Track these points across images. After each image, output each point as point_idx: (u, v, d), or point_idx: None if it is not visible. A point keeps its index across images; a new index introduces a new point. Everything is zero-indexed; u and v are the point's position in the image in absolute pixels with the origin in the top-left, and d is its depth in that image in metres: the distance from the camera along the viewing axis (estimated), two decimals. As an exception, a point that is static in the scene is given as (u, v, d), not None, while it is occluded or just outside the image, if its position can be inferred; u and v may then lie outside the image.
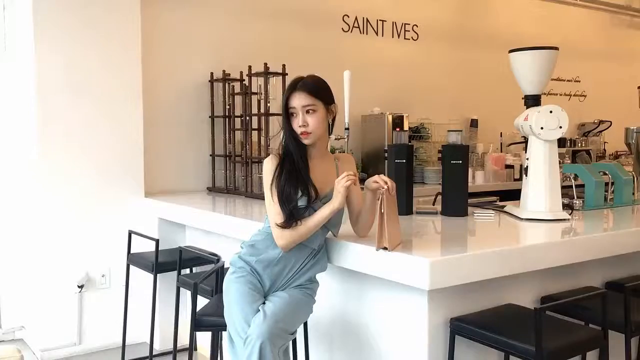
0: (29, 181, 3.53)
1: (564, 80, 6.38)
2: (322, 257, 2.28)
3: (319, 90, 2.19)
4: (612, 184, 3.35)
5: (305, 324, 2.46)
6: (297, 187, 2.15)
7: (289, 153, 2.21)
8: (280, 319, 2.00)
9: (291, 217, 2.14)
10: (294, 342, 2.29)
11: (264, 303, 2.12)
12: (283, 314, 2.03)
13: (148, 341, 3.49)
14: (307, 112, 2.15)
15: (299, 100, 2.15)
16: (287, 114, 2.18)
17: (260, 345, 1.92)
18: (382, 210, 2.12)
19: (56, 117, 3.45)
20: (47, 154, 3.44)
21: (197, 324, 2.29)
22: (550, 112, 2.73)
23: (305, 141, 2.19)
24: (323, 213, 2.14)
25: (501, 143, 5.53)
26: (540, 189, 2.77)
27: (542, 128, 2.73)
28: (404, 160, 2.93)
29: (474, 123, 5.48)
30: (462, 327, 2.18)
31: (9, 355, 1.77)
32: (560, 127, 2.73)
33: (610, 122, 6.25)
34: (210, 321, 2.28)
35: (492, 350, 2.37)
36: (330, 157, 2.35)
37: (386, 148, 4.34)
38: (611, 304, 2.17)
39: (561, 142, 5.16)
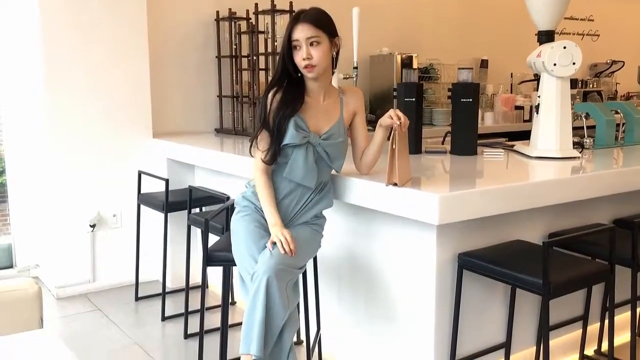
0: (39, 125, 3.53)
1: (577, 19, 6.23)
2: (327, 193, 2.29)
3: (323, 21, 2.15)
4: (624, 124, 3.33)
5: (315, 260, 2.50)
6: (288, 122, 2.14)
7: (285, 87, 2.19)
8: (286, 255, 2.02)
9: (276, 157, 2.16)
10: (304, 277, 2.33)
11: None
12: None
13: (160, 279, 3.57)
14: (311, 44, 2.12)
15: (302, 32, 2.11)
16: (290, 47, 2.15)
17: (267, 280, 1.94)
18: (394, 146, 2.12)
19: (62, 61, 3.41)
20: (54, 98, 3.42)
21: (209, 259, 2.33)
22: (564, 47, 2.68)
23: (309, 75, 2.16)
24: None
25: (511, 84, 5.45)
26: (551, 127, 2.75)
27: (555, 64, 2.69)
28: (413, 99, 2.90)
29: (484, 64, 5.38)
30: (469, 262, 2.21)
31: (27, 287, 1.81)
32: (574, 64, 2.69)
33: (623, 62, 6.13)
34: (221, 256, 2.31)
35: (499, 284, 2.42)
36: (335, 91, 2.32)
37: (395, 87, 4.30)
38: (619, 240, 2.19)
39: (572, 83, 5.08)
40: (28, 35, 3.55)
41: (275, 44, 3.62)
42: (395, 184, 2.12)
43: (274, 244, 2.02)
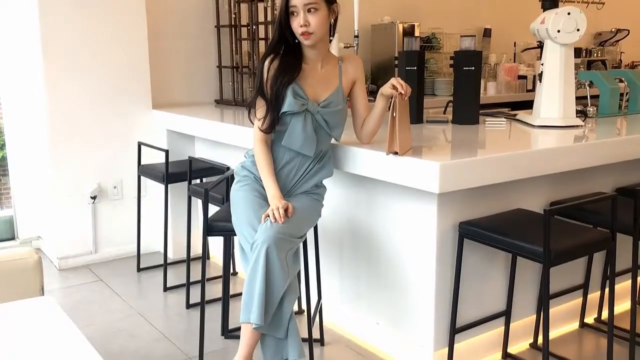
0: (38, 98, 3.50)
1: (582, -13, 6.12)
2: (327, 162, 2.28)
3: None
4: (627, 93, 3.29)
5: (316, 229, 2.49)
6: (286, 90, 2.12)
7: (282, 55, 2.16)
8: (286, 224, 2.01)
9: (274, 125, 2.14)
10: (305, 246, 2.33)
11: None
12: (289, 219, 2.04)
13: (162, 250, 3.58)
14: (309, 10, 2.08)
15: None
16: (287, 13, 2.11)
17: (266, 249, 1.93)
18: (394, 114, 2.09)
19: (60, 32, 3.37)
20: (53, 70, 3.38)
21: (209, 229, 2.33)
22: (568, 14, 2.64)
23: (306, 42, 2.13)
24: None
25: (515, 53, 5.38)
26: (554, 95, 2.72)
27: (558, 31, 2.65)
28: (415, 68, 2.87)
29: (487, 33, 5.31)
30: (470, 230, 2.20)
31: (27, 256, 1.81)
32: (578, 30, 2.64)
33: (628, 30, 6.04)
34: (221, 226, 2.31)
35: (499, 253, 2.42)
36: (334, 59, 2.29)
37: (397, 56, 4.25)
38: (620, 209, 2.18)
39: (576, 52, 5.00)
40: (25, 7, 3.50)
41: (275, 12, 3.55)
42: (396, 153, 2.10)
43: (268, 217, 2.01)
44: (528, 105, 3.15)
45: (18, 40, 3.69)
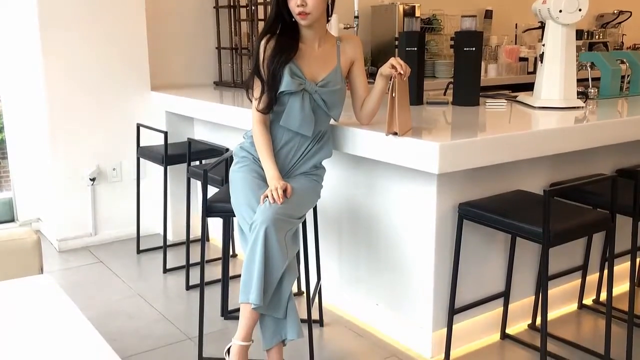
0: (37, 80, 3.48)
1: (585, -32, 6.05)
2: (326, 143, 2.27)
3: None
4: (629, 75, 3.27)
5: (315, 211, 2.49)
6: (282, 69, 2.11)
7: (278, 34, 2.15)
8: (284, 205, 2.00)
9: (272, 105, 2.13)
10: (304, 228, 2.33)
11: None
12: (288, 199, 2.03)
13: (161, 232, 3.58)
14: None
15: None
16: None
17: (265, 230, 1.93)
18: (394, 95, 2.08)
19: (58, 14, 3.33)
20: (52, 52, 3.36)
21: (209, 210, 2.32)
22: (570, -7, 2.61)
23: (303, 22, 2.12)
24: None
25: (516, 35, 5.34)
26: (556, 76, 2.70)
27: (560, 11, 2.62)
28: (415, 48, 2.84)
29: (488, 14, 5.26)
30: (470, 212, 2.20)
31: (26, 236, 1.81)
32: (580, 10, 2.62)
33: (630, 12, 5.99)
34: (220, 207, 2.30)
35: (499, 234, 2.42)
36: (332, 38, 2.28)
37: (397, 36, 4.22)
38: (620, 190, 2.17)
39: (578, 34, 4.97)
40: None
41: (274, -7, 3.52)
42: (396, 134, 2.09)
43: (266, 197, 2.01)
44: (529, 87, 3.13)
45: (16, 21, 3.66)
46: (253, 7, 3.68)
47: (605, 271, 2.43)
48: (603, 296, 2.77)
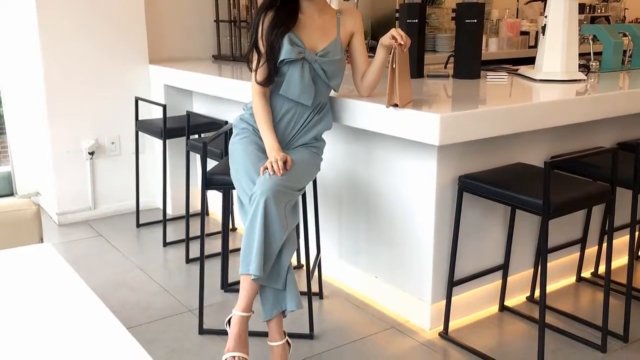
0: (34, 55, 3.44)
1: (588, -59, 5.97)
2: (326, 114, 2.26)
3: None
4: (631, 49, 3.24)
5: (315, 184, 2.49)
6: (281, 40, 2.10)
7: (277, 6, 2.14)
8: (284, 176, 2.00)
9: (272, 77, 2.13)
10: (304, 199, 2.33)
11: None
12: (288, 171, 2.03)
13: (161, 206, 3.58)
14: None
15: None
16: None
17: (264, 201, 1.92)
18: (394, 66, 2.06)
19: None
20: (49, 26, 3.32)
21: (208, 183, 2.32)
22: (574, -36, 2.57)
23: None
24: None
25: (517, 9, 5.29)
26: (557, 48, 2.68)
27: (563, -18, 2.59)
28: (416, 20, 2.81)
29: (490, -13, 5.20)
30: (470, 184, 2.19)
31: (25, 207, 1.80)
32: (583, -19, 2.58)
33: (634, -14, 5.92)
34: (220, 179, 2.30)
35: (498, 207, 2.42)
36: (332, 11, 2.26)
37: (397, 8, 4.17)
38: (621, 163, 2.17)
39: (580, 7, 4.91)
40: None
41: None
42: (396, 105, 2.08)
43: (266, 169, 2.00)
44: (530, 61, 3.10)
45: (13, 1, 3.61)
46: (252, -21, 3.63)
47: (605, 244, 2.43)
48: (601, 269, 2.78)
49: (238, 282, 2.06)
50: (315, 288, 2.60)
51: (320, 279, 2.67)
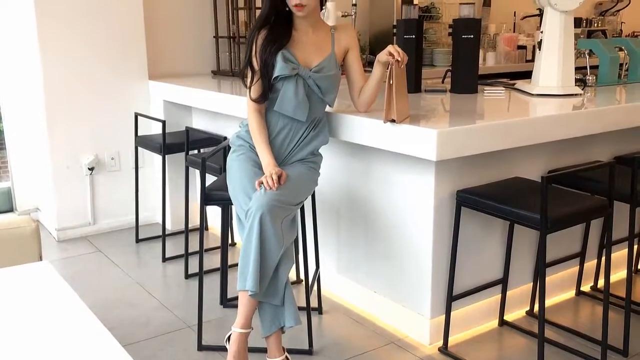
0: (34, 71, 3.47)
1: (584, -44, 6.02)
2: (322, 129, 2.27)
3: None
4: (627, 63, 3.26)
5: (313, 198, 2.49)
6: (275, 57, 2.12)
7: (272, 24, 2.16)
8: (280, 191, 2.00)
9: (266, 94, 2.14)
10: (302, 214, 2.33)
11: None
12: (284, 186, 2.03)
13: (160, 221, 3.58)
14: None
15: None
16: None
17: (260, 217, 1.93)
18: (391, 82, 2.08)
19: (54, 4, 3.32)
20: (49, 42, 3.34)
21: (207, 198, 2.33)
22: (569, -20, 2.60)
23: (299, 14, 2.13)
24: None
25: (514, 23, 5.33)
26: (554, 63, 2.70)
27: (558, -3, 2.61)
28: (413, 36, 2.84)
29: (487, 2, 5.24)
30: (468, 199, 2.20)
31: (25, 224, 1.81)
32: (578, -3, 2.61)
33: (629, 0, 5.97)
34: (219, 195, 2.30)
35: (497, 222, 2.42)
36: (326, 27, 2.29)
37: (395, 24, 4.20)
38: (618, 177, 2.18)
39: (576, 22, 4.95)
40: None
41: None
42: (393, 121, 2.09)
43: (261, 184, 2.01)
44: (527, 75, 3.12)
45: (13, 12, 3.64)
46: (250, -5, 3.66)
47: (603, 258, 2.44)
48: (601, 283, 2.78)
49: (237, 298, 2.06)
50: (314, 303, 2.60)
51: (319, 293, 2.66)
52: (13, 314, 1.24)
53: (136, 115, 3.43)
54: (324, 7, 2.26)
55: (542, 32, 2.74)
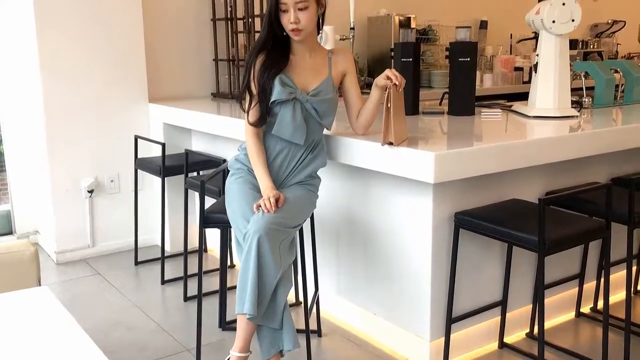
0: (35, 93, 3.50)
1: (579, -21, 6.11)
2: (320, 151, 2.29)
3: None
4: (623, 85, 3.29)
5: (312, 220, 2.50)
6: (273, 81, 2.14)
7: (270, 48, 2.19)
8: (277, 214, 2.01)
9: (264, 118, 2.16)
10: (301, 236, 2.33)
11: None
12: (282, 209, 2.04)
13: (159, 244, 3.58)
14: (299, 8, 2.10)
15: None
16: (277, 9, 2.12)
17: (257, 239, 1.93)
18: (389, 105, 2.10)
19: (55, 26, 3.35)
20: (49, 65, 3.38)
21: (206, 221, 2.33)
22: (563, 4, 2.64)
23: (296, 38, 2.16)
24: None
25: (511, 45, 5.38)
26: (550, 85, 2.73)
27: (553, 22, 2.65)
28: (411, 59, 2.87)
29: (483, 25, 5.31)
30: (466, 221, 2.21)
31: (23, 248, 1.81)
32: (573, 21, 2.65)
33: (624, 22, 6.04)
34: (218, 217, 2.31)
35: (495, 243, 2.43)
36: (323, 51, 2.31)
37: (392, 47, 4.25)
38: (615, 199, 2.19)
39: (572, 43, 5.01)
40: (22, 1, 3.48)
41: (271, 5, 3.55)
42: (391, 144, 2.10)
43: (259, 207, 2.02)
44: (524, 97, 3.15)
45: (14, 35, 3.68)
46: (250, 19, 3.71)
47: (602, 279, 2.44)
48: (600, 304, 2.77)
49: (236, 321, 2.05)
50: (313, 325, 2.59)
51: (318, 316, 2.66)
52: (11, 340, 1.24)
53: (136, 138, 3.45)
54: (320, 31, 2.29)
55: (537, 55, 2.78)
